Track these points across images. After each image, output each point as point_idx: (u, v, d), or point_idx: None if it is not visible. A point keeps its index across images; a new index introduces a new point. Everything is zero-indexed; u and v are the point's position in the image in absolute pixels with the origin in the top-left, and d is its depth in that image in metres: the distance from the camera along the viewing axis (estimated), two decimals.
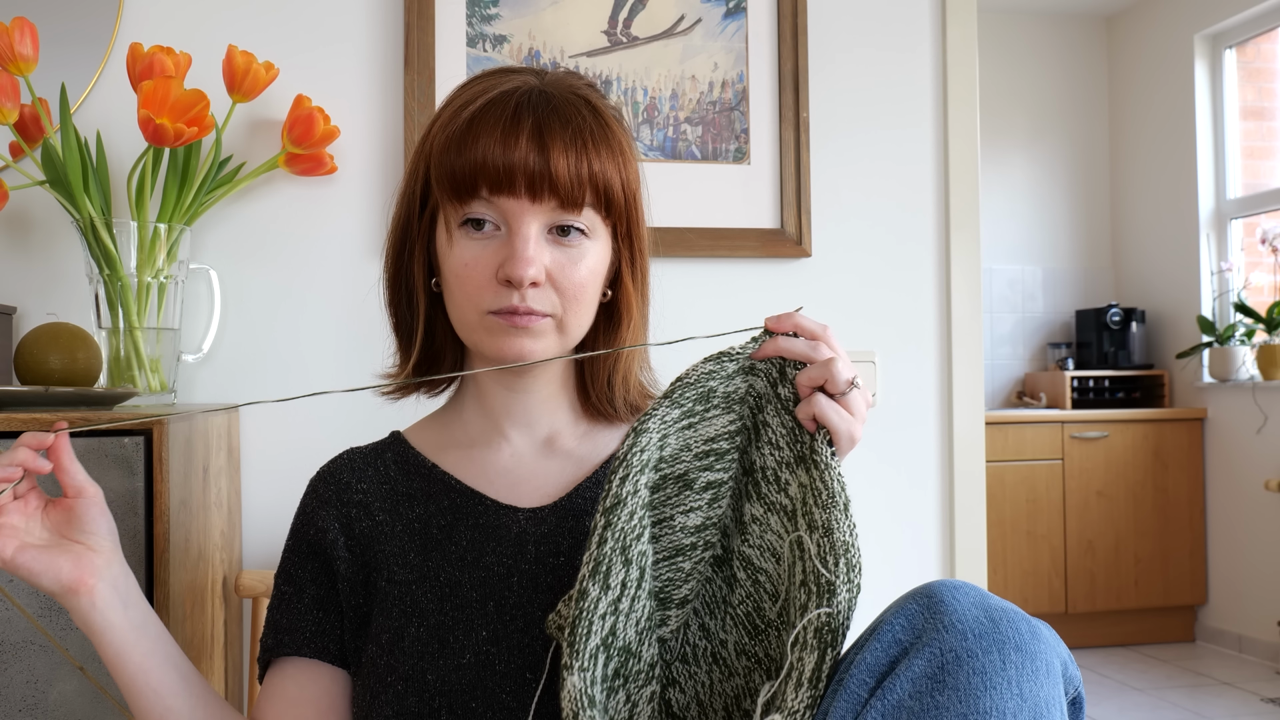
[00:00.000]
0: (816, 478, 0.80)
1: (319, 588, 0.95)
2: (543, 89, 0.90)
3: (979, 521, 1.77)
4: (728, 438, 0.86)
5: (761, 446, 0.85)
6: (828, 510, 0.79)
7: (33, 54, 1.37)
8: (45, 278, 1.54)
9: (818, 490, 0.80)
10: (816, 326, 0.83)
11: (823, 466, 0.80)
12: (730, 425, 0.86)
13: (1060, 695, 0.72)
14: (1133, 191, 4.60)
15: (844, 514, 0.79)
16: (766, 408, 0.85)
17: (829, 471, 0.80)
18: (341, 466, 0.99)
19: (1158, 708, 3.32)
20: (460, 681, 0.86)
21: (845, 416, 0.81)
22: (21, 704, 1.09)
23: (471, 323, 0.91)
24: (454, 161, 0.88)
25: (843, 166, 1.76)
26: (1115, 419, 4.09)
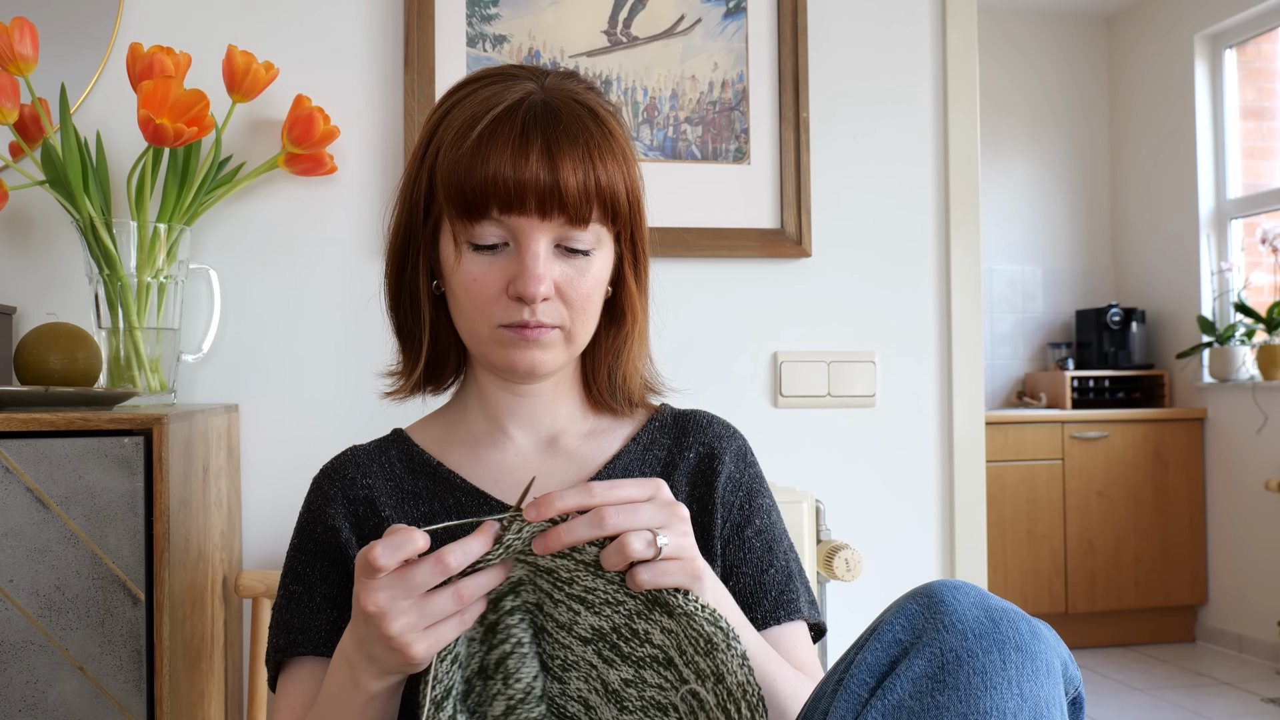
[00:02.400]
0: (685, 625, 0.75)
1: (330, 586, 0.94)
2: (546, 100, 0.90)
3: (979, 521, 1.77)
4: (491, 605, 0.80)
5: (599, 610, 0.78)
6: (710, 656, 0.74)
7: (33, 54, 1.37)
8: (45, 278, 1.54)
9: (693, 639, 0.75)
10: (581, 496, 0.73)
11: (684, 615, 0.74)
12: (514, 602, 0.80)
13: (1060, 695, 0.72)
14: (1133, 191, 4.60)
15: (728, 652, 0.73)
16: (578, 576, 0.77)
17: (695, 617, 0.74)
18: (346, 463, 0.99)
19: (1158, 708, 3.32)
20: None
21: (672, 570, 0.74)
22: (21, 704, 1.09)
23: (482, 336, 0.92)
24: (464, 181, 0.88)
25: (843, 166, 1.76)
26: (1115, 419, 4.09)
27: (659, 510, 0.75)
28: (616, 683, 0.81)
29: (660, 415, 1.04)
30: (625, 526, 0.73)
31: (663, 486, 0.77)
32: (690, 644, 0.76)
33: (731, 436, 1.03)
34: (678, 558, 0.75)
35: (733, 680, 0.74)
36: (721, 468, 0.99)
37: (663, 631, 0.77)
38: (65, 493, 1.10)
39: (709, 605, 0.75)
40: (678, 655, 0.77)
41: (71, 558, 1.10)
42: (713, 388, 1.71)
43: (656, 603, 0.76)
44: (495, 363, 0.93)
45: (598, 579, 0.76)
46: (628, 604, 0.77)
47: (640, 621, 0.78)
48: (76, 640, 1.10)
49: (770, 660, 0.86)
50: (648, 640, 0.78)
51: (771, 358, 1.73)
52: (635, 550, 0.73)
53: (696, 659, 0.76)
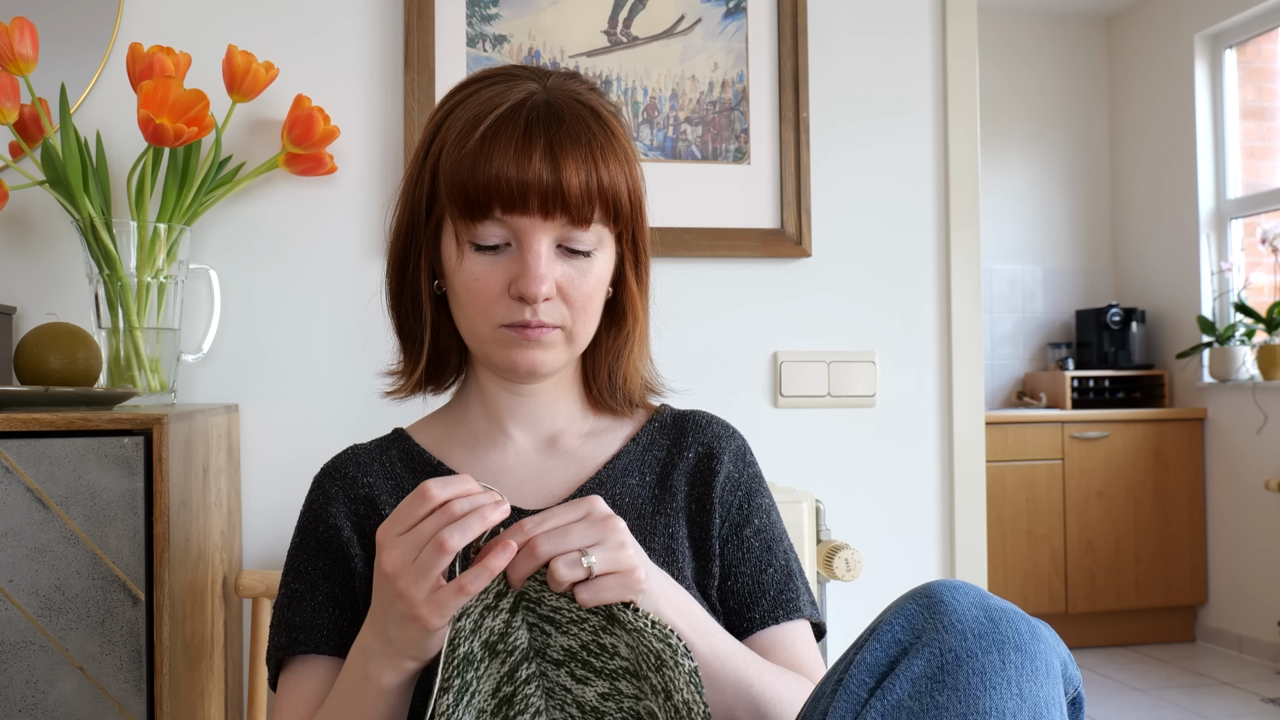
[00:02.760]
0: (638, 641, 0.76)
1: (332, 584, 0.94)
2: (549, 100, 0.90)
3: (979, 521, 1.77)
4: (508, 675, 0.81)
5: (566, 629, 0.79)
6: (660, 672, 0.75)
7: (33, 54, 1.37)
8: (45, 278, 1.54)
9: (645, 654, 0.76)
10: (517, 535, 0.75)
11: (635, 632, 0.76)
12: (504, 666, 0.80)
13: (1060, 695, 0.72)
14: (1133, 191, 4.60)
15: (675, 669, 0.74)
16: (545, 599, 0.78)
17: (644, 633, 0.75)
18: (347, 461, 0.99)
19: (1158, 708, 3.32)
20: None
21: (610, 585, 0.75)
22: (21, 704, 1.09)
23: (483, 335, 0.92)
24: (467, 181, 0.88)
25: (843, 166, 1.76)
26: (1115, 419, 4.09)
27: (589, 529, 0.76)
28: (593, 699, 0.81)
29: (660, 415, 1.04)
30: (554, 552, 0.75)
31: (596, 503, 0.78)
32: (644, 659, 0.76)
33: (731, 436, 1.03)
34: (613, 572, 0.76)
35: (679, 697, 0.74)
36: (720, 467, 0.99)
37: (626, 645, 0.78)
38: (65, 493, 1.10)
39: (657, 621, 0.76)
40: (638, 668, 0.78)
41: (71, 558, 1.10)
42: (712, 388, 1.71)
43: (612, 617, 0.77)
44: (496, 362, 0.93)
45: (560, 599, 0.78)
46: (591, 620, 0.78)
47: (606, 635, 0.79)
48: (76, 640, 1.10)
49: (748, 665, 0.86)
50: (616, 653, 0.79)
51: (771, 358, 1.74)
52: (562, 574, 0.75)
53: (649, 674, 0.76)
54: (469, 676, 0.77)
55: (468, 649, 0.76)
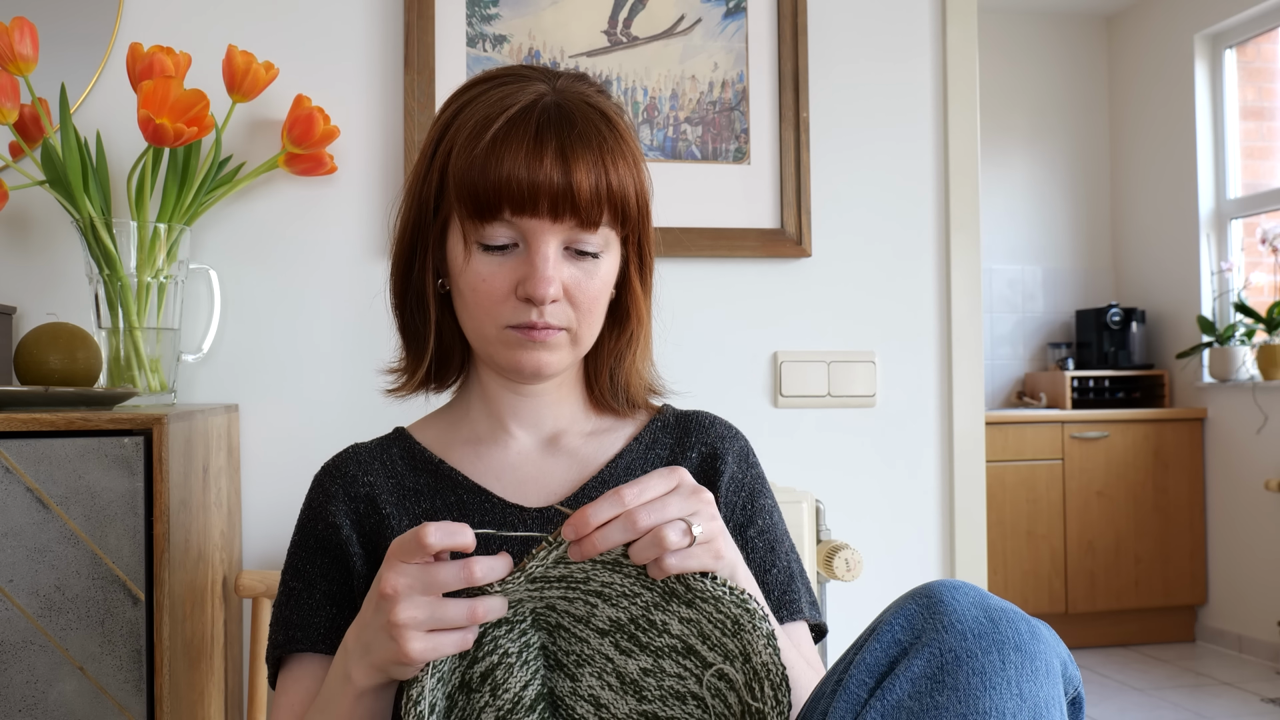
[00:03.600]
0: (710, 611, 0.76)
1: (330, 582, 0.95)
2: (560, 102, 0.90)
3: (979, 522, 1.77)
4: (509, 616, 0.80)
5: (616, 601, 0.79)
6: (738, 637, 0.76)
7: (33, 54, 1.37)
8: (45, 278, 1.54)
9: (718, 621, 0.76)
10: (614, 504, 0.74)
11: (711, 599, 0.76)
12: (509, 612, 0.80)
13: (1060, 695, 0.72)
14: (1133, 191, 4.60)
15: (753, 633, 0.75)
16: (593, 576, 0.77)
17: (723, 600, 0.75)
18: (347, 460, 1.00)
19: (1158, 708, 3.32)
20: None
21: (698, 553, 0.75)
22: (21, 704, 1.09)
23: (489, 336, 0.92)
24: (477, 182, 0.88)
25: (843, 166, 1.76)
26: (1115, 419, 4.09)
27: (685, 500, 0.76)
28: (635, 672, 0.81)
29: (662, 416, 1.04)
30: (657, 523, 0.74)
31: (685, 475, 0.78)
32: (715, 627, 0.77)
33: (734, 437, 1.03)
34: (706, 541, 0.76)
35: (758, 660, 0.75)
36: (724, 468, 0.99)
37: (681, 621, 0.78)
38: (65, 493, 1.10)
39: (736, 587, 0.76)
40: (699, 642, 0.78)
41: (71, 558, 1.10)
42: (713, 387, 1.71)
43: (673, 594, 0.77)
44: (501, 363, 0.94)
45: (614, 574, 0.77)
46: (644, 596, 0.78)
47: (657, 613, 0.79)
48: (76, 640, 1.10)
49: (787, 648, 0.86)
50: (666, 630, 0.79)
51: (771, 357, 1.74)
52: (671, 541, 0.74)
53: (724, 640, 0.77)
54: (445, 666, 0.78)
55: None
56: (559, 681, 0.84)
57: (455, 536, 0.74)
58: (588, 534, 0.73)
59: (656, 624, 0.79)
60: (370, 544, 0.95)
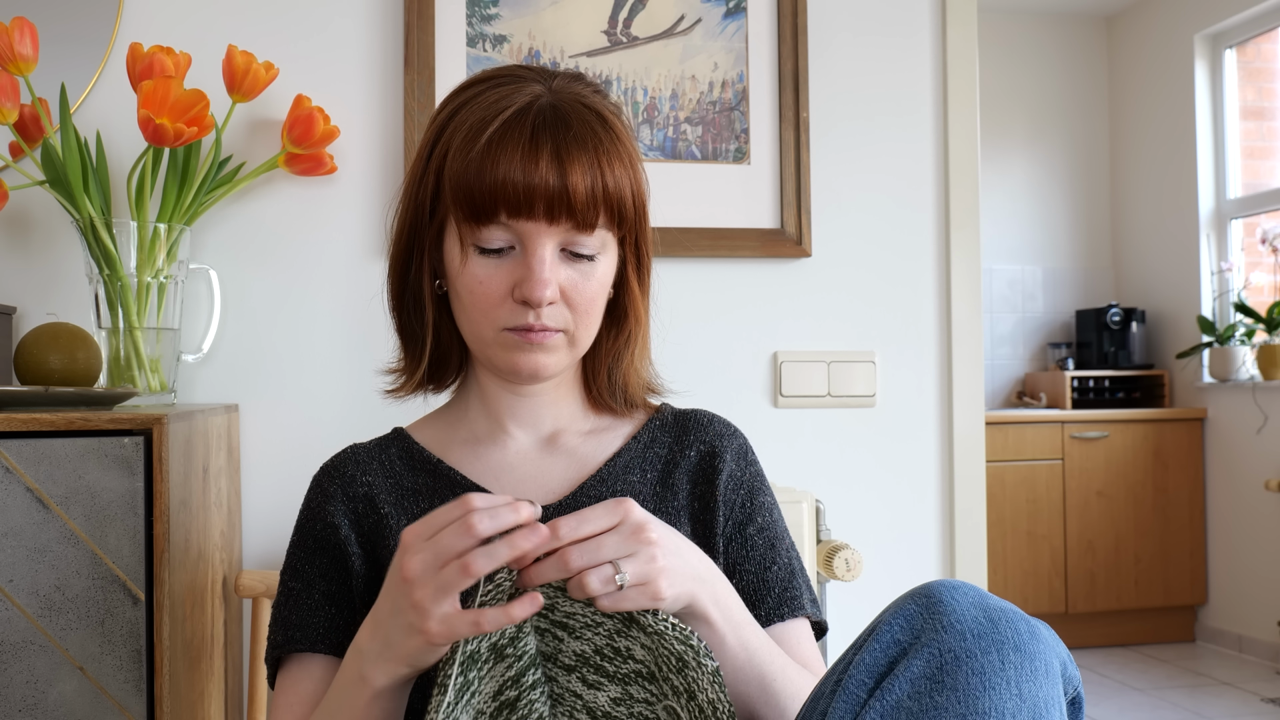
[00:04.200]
0: (657, 644, 0.76)
1: (329, 583, 0.94)
2: (555, 104, 0.90)
3: (979, 522, 1.77)
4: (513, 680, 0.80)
5: (580, 634, 0.79)
6: (681, 674, 0.75)
7: (33, 54, 1.37)
8: (45, 278, 1.54)
9: (665, 656, 0.76)
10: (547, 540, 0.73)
11: (655, 634, 0.76)
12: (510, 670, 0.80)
13: (1059, 695, 0.72)
14: (1133, 191, 4.60)
15: (698, 670, 0.74)
16: (558, 604, 0.78)
17: (665, 636, 0.75)
18: (346, 460, 1.00)
19: (1158, 708, 3.32)
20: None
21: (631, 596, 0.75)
22: (21, 704, 1.09)
23: (486, 338, 0.92)
24: (473, 185, 0.88)
25: (843, 166, 1.76)
26: (1115, 419, 4.09)
27: (623, 542, 0.75)
28: (605, 704, 0.81)
29: (661, 414, 1.04)
30: (585, 565, 0.74)
31: (631, 509, 0.77)
32: (663, 661, 0.76)
33: (732, 435, 1.03)
34: (640, 584, 0.75)
35: (703, 698, 0.74)
36: (723, 466, 0.99)
37: (642, 647, 0.78)
38: (65, 493, 1.10)
39: (678, 624, 0.75)
40: (656, 670, 0.78)
41: (71, 558, 1.10)
42: (712, 388, 1.71)
43: (632, 620, 0.77)
44: (498, 365, 0.94)
45: (574, 604, 0.77)
46: (606, 624, 0.78)
47: (620, 639, 0.78)
48: (76, 640, 1.10)
49: (773, 659, 0.86)
50: (630, 656, 0.79)
51: (771, 358, 1.74)
52: (593, 588, 0.74)
53: (670, 675, 0.76)
54: (471, 675, 0.77)
55: (474, 647, 0.76)
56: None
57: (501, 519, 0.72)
58: (524, 567, 0.74)
59: (621, 651, 0.79)
60: (369, 544, 0.95)
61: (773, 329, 1.73)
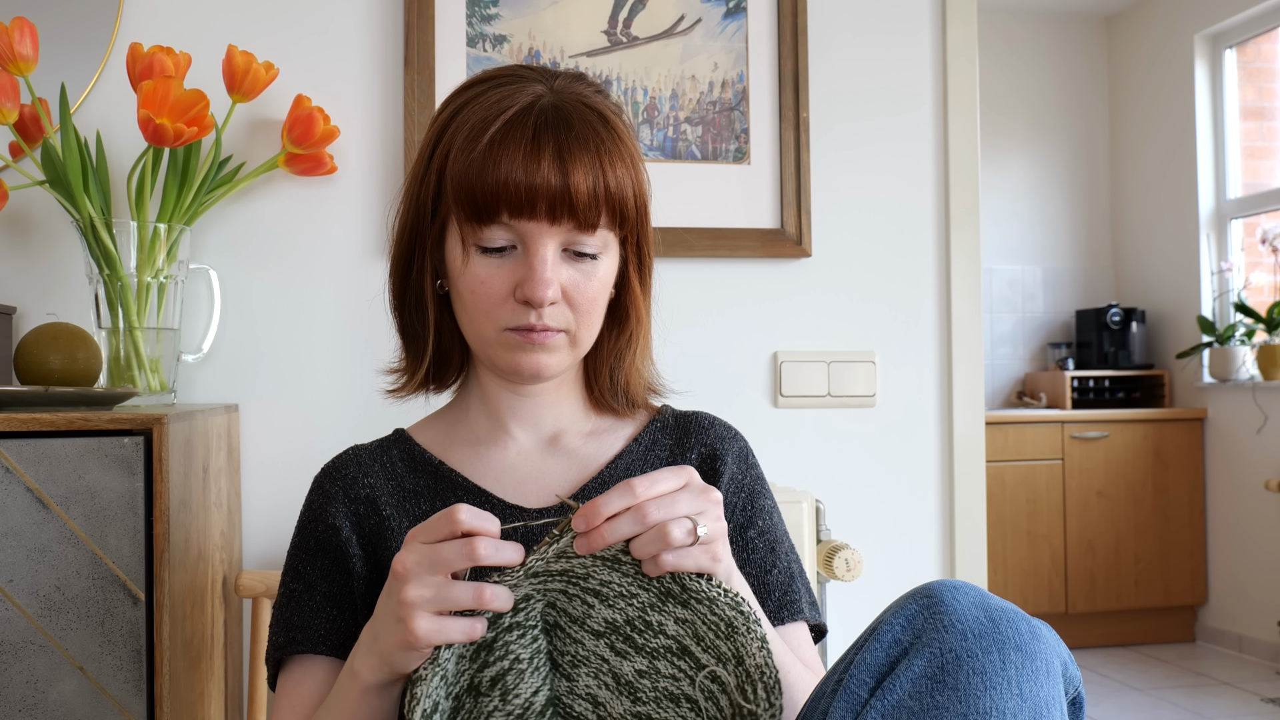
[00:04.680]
0: (705, 613, 0.77)
1: (330, 584, 0.94)
2: (557, 104, 0.90)
3: (979, 521, 1.77)
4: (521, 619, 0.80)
5: (613, 603, 0.79)
6: (731, 640, 0.76)
7: (33, 54, 1.37)
8: (45, 278, 1.54)
9: (712, 623, 0.76)
10: (624, 498, 0.74)
11: (706, 600, 0.76)
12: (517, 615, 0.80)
13: (1060, 695, 0.72)
14: (1133, 191, 4.60)
15: (748, 635, 0.75)
16: (593, 573, 0.78)
17: (717, 602, 0.76)
18: (347, 462, 1.00)
19: (1158, 708, 3.32)
20: None
21: (697, 554, 0.75)
22: (21, 704, 1.09)
23: (487, 338, 0.92)
24: (475, 185, 0.88)
25: (843, 166, 1.76)
26: (1115, 419, 4.09)
27: (695, 498, 0.76)
28: (630, 674, 0.81)
29: (662, 416, 1.04)
30: (665, 518, 0.74)
31: (694, 474, 0.78)
32: (709, 629, 0.77)
33: (733, 438, 1.03)
34: (707, 542, 0.76)
35: (751, 662, 0.75)
36: (724, 469, 0.99)
37: (676, 622, 0.78)
38: (65, 493, 1.10)
39: (731, 590, 0.76)
40: (694, 643, 0.78)
41: (71, 558, 1.10)
42: (713, 388, 1.71)
43: (669, 595, 0.77)
44: (500, 365, 0.94)
45: (613, 572, 0.77)
46: (641, 597, 0.78)
47: (654, 614, 0.79)
48: (76, 640, 1.10)
49: (784, 651, 0.87)
50: (661, 631, 0.79)
51: (771, 358, 1.74)
52: (675, 538, 0.74)
53: (717, 643, 0.77)
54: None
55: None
56: (557, 681, 0.84)
57: (484, 520, 0.74)
58: (597, 525, 0.73)
59: (652, 625, 0.79)
60: (370, 546, 0.95)
61: (773, 329, 1.73)
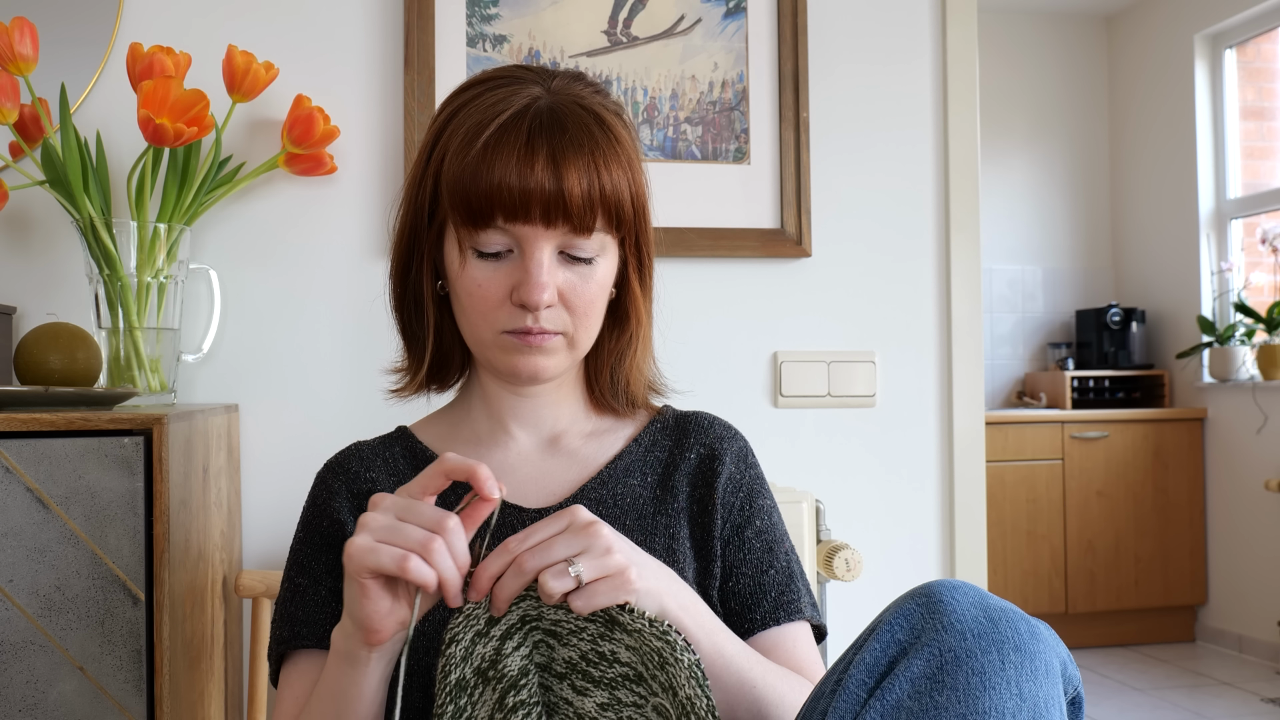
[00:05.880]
0: (640, 642, 0.76)
1: (335, 579, 0.94)
2: (552, 106, 0.90)
3: (979, 522, 1.77)
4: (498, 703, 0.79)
5: (567, 640, 0.79)
6: (664, 669, 0.75)
7: (33, 54, 1.37)
8: (45, 278, 1.54)
9: (648, 654, 0.76)
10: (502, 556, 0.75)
11: (635, 633, 0.75)
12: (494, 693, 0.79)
13: (1059, 695, 0.72)
14: (1133, 191, 4.60)
15: (676, 665, 0.74)
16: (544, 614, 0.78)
17: (644, 633, 0.75)
18: (350, 457, 1.00)
19: (1158, 708, 3.32)
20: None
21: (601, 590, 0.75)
22: (21, 704, 1.09)
23: (485, 340, 0.92)
24: (469, 189, 0.88)
25: (843, 166, 1.76)
26: (1115, 419, 4.09)
27: (572, 539, 0.75)
28: (592, 709, 0.80)
29: (662, 416, 1.04)
30: (539, 566, 0.74)
31: (577, 512, 0.77)
32: (648, 659, 0.76)
33: (733, 438, 1.03)
34: (603, 577, 0.75)
35: (682, 694, 0.74)
36: (722, 469, 0.99)
37: (627, 649, 0.78)
38: (65, 493, 1.10)
39: (654, 619, 0.75)
40: (644, 669, 0.78)
41: (71, 558, 1.10)
42: (713, 388, 1.71)
43: (613, 621, 0.77)
44: (498, 367, 0.94)
45: (557, 610, 0.77)
46: (589, 628, 0.78)
47: (605, 643, 0.78)
48: (76, 640, 1.10)
49: (753, 665, 0.85)
50: (616, 660, 0.78)
51: (771, 358, 1.74)
52: (550, 586, 0.73)
53: (655, 672, 0.76)
54: (462, 702, 0.77)
55: (459, 675, 0.77)
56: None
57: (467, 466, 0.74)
58: (488, 589, 0.74)
59: (606, 655, 0.78)
60: None
61: (773, 329, 1.73)
